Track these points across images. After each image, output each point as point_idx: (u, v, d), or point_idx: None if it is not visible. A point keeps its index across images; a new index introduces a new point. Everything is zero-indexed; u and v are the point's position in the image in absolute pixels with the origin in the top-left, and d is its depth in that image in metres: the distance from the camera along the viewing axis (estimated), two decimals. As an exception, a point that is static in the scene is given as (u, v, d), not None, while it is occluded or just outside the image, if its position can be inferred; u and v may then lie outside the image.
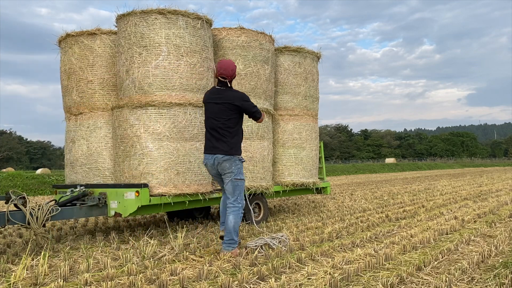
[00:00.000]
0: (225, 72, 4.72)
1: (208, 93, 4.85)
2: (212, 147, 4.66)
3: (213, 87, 4.88)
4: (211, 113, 4.71)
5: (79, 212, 5.31)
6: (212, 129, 4.68)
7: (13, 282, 3.50)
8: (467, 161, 65.63)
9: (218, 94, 4.74)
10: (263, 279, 3.49)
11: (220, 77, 4.75)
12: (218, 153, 4.62)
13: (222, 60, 4.88)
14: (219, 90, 4.78)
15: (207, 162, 4.71)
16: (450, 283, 3.22)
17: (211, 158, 4.65)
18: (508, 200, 8.83)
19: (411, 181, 18.68)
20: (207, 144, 4.72)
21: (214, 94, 4.77)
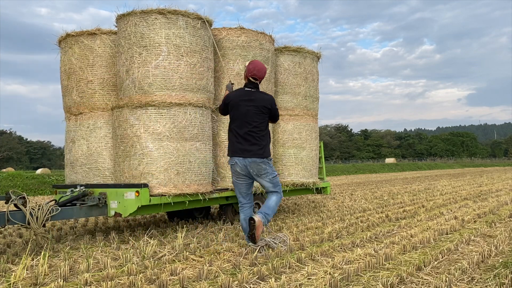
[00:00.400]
0: (259, 74, 4.69)
1: (235, 94, 4.74)
2: (244, 150, 4.58)
3: (241, 88, 4.83)
4: (241, 115, 4.63)
5: (79, 212, 5.31)
6: (243, 132, 4.61)
7: (13, 282, 3.50)
8: (467, 161, 65.64)
9: (249, 96, 4.68)
10: (263, 279, 3.49)
11: (252, 78, 4.71)
12: (253, 156, 4.58)
13: (254, 61, 4.82)
14: (250, 92, 4.71)
15: (236, 163, 4.62)
16: (450, 283, 3.22)
17: (242, 161, 4.59)
18: (508, 200, 8.83)
19: (411, 181, 18.68)
20: (237, 146, 4.62)
21: (245, 96, 4.69)
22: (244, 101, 4.67)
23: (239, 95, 4.72)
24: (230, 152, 4.69)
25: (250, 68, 4.74)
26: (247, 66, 4.77)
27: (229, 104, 4.74)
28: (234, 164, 4.64)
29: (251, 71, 4.71)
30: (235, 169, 4.67)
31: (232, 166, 4.68)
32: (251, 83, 4.77)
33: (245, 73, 4.78)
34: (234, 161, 4.63)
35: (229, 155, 4.70)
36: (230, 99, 4.73)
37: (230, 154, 4.68)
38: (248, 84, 4.77)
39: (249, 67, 4.74)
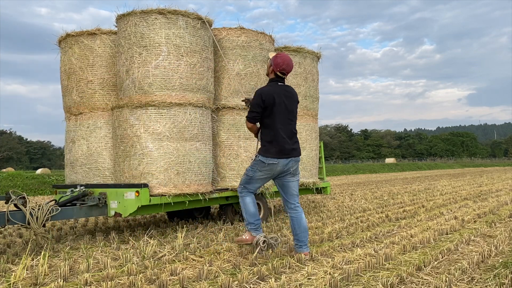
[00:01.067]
0: (288, 68, 4.34)
1: (271, 91, 4.26)
2: (291, 150, 4.27)
3: (274, 84, 4.36)
4: (283, 113, 4.27)
5: (79, 212, 5.31)
6: (288, 130, 4.29)
7: (13, 282, 3.50)
8: (467, 161, 65.63)
9: (286, 91, 4.35)
10: (263, 279, 3.49)
11: (280, 72, 4.33)
12: (297, 155, 4.33)
13: (281, 54, 4.41)
14: (285, 87, 4.38)
15: (278, 163, 4.23)
16: (450, 283, 3.22)
17: (285, 161, 4.25)
18: (508, 200, 8.83)
19: (411, 181, 18.68)
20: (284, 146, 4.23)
21: (283, 92, 4.32)
22: (284, 98, 4.29)
23: (277, 92, 4.28)
24: (274, 153, 4.23)
25: (278, 63, 4.31)
26: (274, 60, 4.34)
27: (268, 104, 4.23)
28: (275, 164, 4.23)
29: (280, 65, 4.30)
30: (273, 169, 4.26)
31: (269, 165, 4.24)
32: (279, 78, 4.38)
33: (271, 68, 4.37)
34: (277, 161, 4.22)
35: (271, 155, 4.23)
36: (267, 99, 4.22)
37: (274, 155, 4.23)
38: (276, 79, 4.38)
39: (277, 61, 4.32)
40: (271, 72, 4.40)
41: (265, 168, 4.27)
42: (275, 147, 4.25)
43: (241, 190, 4.44)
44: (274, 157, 4.23)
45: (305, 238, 4.27)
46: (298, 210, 4.35)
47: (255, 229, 4.33)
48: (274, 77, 4.39)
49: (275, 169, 4.27)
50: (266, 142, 4.30)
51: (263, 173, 4.31)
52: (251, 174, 4.36)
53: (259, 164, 4.28)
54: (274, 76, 4.39)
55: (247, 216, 4.36)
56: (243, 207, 4.40)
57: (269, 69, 4.43)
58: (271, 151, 4.24)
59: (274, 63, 4.35)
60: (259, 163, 4.28)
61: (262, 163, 4.26)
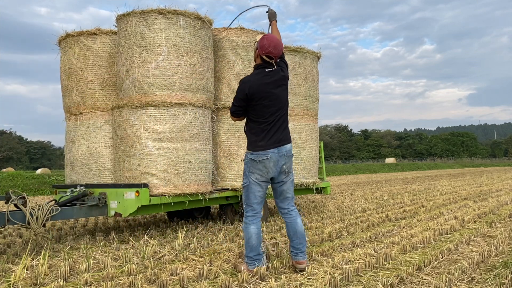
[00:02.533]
0: (274, 51, 3.76)
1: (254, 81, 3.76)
2: (279, 140, 3.76)
3: (261, 72, 3.82)
4: (270, 101, 3.76)
5: (79, 212, 5.31)
6: (275, 120, 3.78)
7: (13, 282, 3.50)
8: (467, 161, 65.62)
9: (271, 77, 3.80)
10: (263, 279, 3.49)
11: (266, 56, 3.76)
12: (286, 143, 3.80)
13: (268, 35, 3.86)
14: (270, 72, 3.81)
15: (270, 157, 3.71)
16: (450, 283, 3.22)
17: (277, 152, 3.72)
18: (508, 200, 8.83)
19: (411, 181, 18.68)
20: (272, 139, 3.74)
21: (268, 79, 3.78)
22: (269, 85, 3.78)
23: (260, 80, 3.77)
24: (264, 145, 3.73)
25: (264, 44, 3.75)
26: (260, 42, 3.79)
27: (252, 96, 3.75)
28: (267, 159, 3.72)
29: (266, 47, 3.73)
30: (266, 167, 3.73)
31: (261, 162, 3.73)
32: (266, 62, 3.81)
33: (257, 52, 3.83)
34: (268, 155, 3.71)
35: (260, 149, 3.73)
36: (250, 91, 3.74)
37: (263, 148, 3.73)
38: (262, 64, 3.83)
39: (262, 43, 3.76)
40: (257, 56, 3.87)
41: (258, 166, 3.74)
42: (263, 140, 3.75)
43: (246, 213, 3.84)
44: (264, 149, 3.73)
45: (301, 245, 3.78)
46: (293, 215, 3.88)
47: (251, 264, 3.74)
48: (261, 62, 3.84)
49: (268, 164, 3.73)
50: (253, 136, 3.81)
51: (257, 174, 3.76)
52: (246, 182, 3.82)
53: (250, 163, 3.78)
54: (261, 61, 3.84)
55: (247, 249, 3.77)
56: (245, 237, 3.80)
57: (255, 53, 3.89)
58: (259, 145, 3.76)
59: (259, 46, 3.80)
60: (250, 162, 3.78)
61: (253, 161, 3.75)
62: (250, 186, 3.80)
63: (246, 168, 3.83)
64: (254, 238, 3.74)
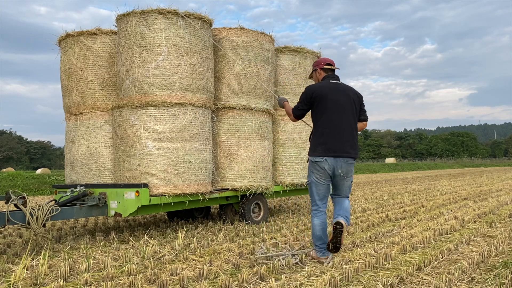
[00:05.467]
0: (329, 60, 4.38)
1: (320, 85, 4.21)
2: (350, 148, 4.12)
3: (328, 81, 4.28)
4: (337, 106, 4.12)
5: (79, 212, 5.31)
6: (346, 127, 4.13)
7: (13, 282, 3.50)
8: (467, 161, 65.59)
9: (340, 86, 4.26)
10: (263, 279, 3.49)
11: (326, 65, 4.35)
12: (354, 156, 4.16)
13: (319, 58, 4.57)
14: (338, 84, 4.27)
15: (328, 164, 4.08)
16: (450, 283, 3.22)
17: (342, 161, 4.10)
18: (508, 200, 8.83)
19: (411, 181, 18.68)
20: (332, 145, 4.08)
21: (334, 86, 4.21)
22: (339, 92, 4.18)
23: (328, 86, 4.21)
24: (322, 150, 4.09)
25: (318, 61, 4.43)
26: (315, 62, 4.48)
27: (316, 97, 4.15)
28: (321, 162, 4.08)
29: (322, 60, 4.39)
30: (325, 169, 4.10)
31: (318, 163, 4.10)
32: (331, 70, 4.37)
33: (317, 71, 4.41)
34: (323, 159, 4.08)
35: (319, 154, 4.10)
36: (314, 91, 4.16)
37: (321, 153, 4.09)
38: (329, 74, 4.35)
39: (317, 61, 4.45)
40: (320, 73, 4.42)
41: (316, 168, 4.13)
42: (323, 145, 4.11)
43: (312, 207, 4.28)
44: (321, 155, 4.09)
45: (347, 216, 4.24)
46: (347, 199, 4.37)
47: (320, 251, 4.16)
48: (325, 74, 4.38)
49: (324, 167, 4.10)
50: (313, 140, 4.21)
51: (317, 174, 4.15)
52: (309, 180, 4.26)
53: (310, 165, 4.20)
54: (325, 73, 4.38)
55: (313, 238, 4.22)
56: (311, 227, 4.27)
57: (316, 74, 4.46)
58: (317, 150, 4.13)
59: (315, 65, 4.46)
60: (310, 163, 4.21)
61: (312, 163, 4.17)
62: (312, 184, 4.22)
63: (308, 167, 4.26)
64: (317, 229, 4.19)
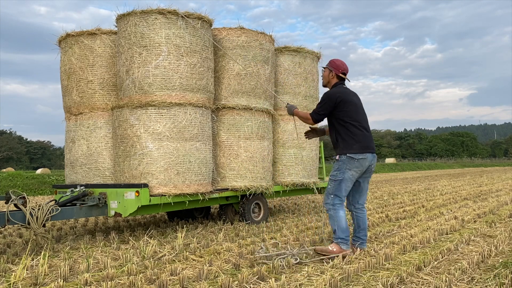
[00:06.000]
0: (347, 69, 4.61)
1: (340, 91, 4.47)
2: (372, 145, 4.47)
3: (342, 86, 4.57)
4: (358, 109, 4.46)
5: (79, 212, 5.31)
6: (365, 126, 4.48)
7: (13, 282, 3.50)
8: (467, 161, 65.57)
9: (352, 92, 4.59)
10: (263, 279, 3.49)
11: (342, 73, 4.56)
12: (375, 152, 4.50)
13: (334, 59, 4.67)
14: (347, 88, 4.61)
15: (366, 159, 4.37)
16: (450, 283, 3.22)
17: (371, 157, 4.42)
18: (508, 200, 8.83)
19: (411, 181, 18.68)
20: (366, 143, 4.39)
21: (349, 91, 4.56)
22: (355, 98, 4.52)
23: (346, 92, 4.51)
24: (360, 148, 4.34)
25: (338, 65, 4.56)
26: (334, 63, 4.58)
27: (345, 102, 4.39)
28: (364, 159, 4.34)
29: (341, 66, 4.55)
30: (363, 164, 4.35)
31: (359, 161, 4.33)
32: (342, 80, 4.61)
33: (332, 73, 4.56)
34: (365, 155, 4.35)
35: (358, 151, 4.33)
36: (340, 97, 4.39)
37: (360, 150, 4.33)
38: (341, 81, 4.60)
39: (336, 64, 4.56)
40: (333, 77, 4.58)
41: (355, 164, 4.32)
42: (360, 142, 4.35)
43: (333, 201, 4.39)
44: (362, 152, 4.34)
45: (365, 236, 4.53)
46: (364, 210, 4.61)
47: (344, 243, 4.30)
48: (337, 80, 4.57)
49: (364, 164, 4.36)
50: (350, 139, 4.36)
51: (353, 171, 4.35)
52: (340, 177, 4.35)
53: (348, 162, 4.32)
54: (337, 79, 4.57)
55: (339, 231, 4.31)
56: (336, 221, 4.34)
57: (330, 75, 4.59)
58: (355, 147, 4.34)
59: (334, 66, 4.56)
60: (348, 160, 4.32)
61: (352, 160, 4.31)
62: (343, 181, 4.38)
63: (340, 165, 4.40)
64: (344, 221, 4.35)
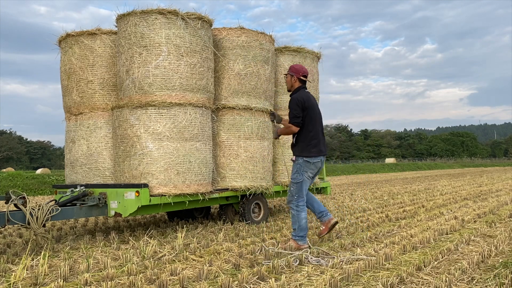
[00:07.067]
0: (307, 71, 4.94)
1: (306, 96, 4.83)
2: (325, 149, 4.89)
3: (304, 91, 4.91)
4: (316, 115, 4.84)
5: (79, 212, 5.31)
6: (321, 131, 4.89)
7: (13, 282, 3.50)
8: (467, 161, 65.59)
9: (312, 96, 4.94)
10: (263, 279, 3.49)
11: (303, 76, 4.90)
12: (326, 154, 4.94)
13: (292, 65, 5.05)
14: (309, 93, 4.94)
15: (319, 162, 4.83)
16: (450, 283, 3.22)
17: (324, 159, 4.88)
18: (508, 200, 8.83)
19: (411, 181, 18.68)
20: (320, 147, 4.81)
21: (310, 96, 4.90)
22: (315, 103, 4.90)
23: (309, 97, 4.85)
24: (316, 152, 4.77)
25: (298, 68, 4.91)
26: (294, 68, 4.93)
27: (308, 107, 4.77)
28: (318, 162, 4.80)
29: (301, 69, 4.90)
30: (317, 166, 4.83)
31: (314, 164, 4.78)
32: (305, 83, 4.95)
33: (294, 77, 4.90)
34: (319, 159, 4.81)
35: (313, 154, 4.75)
36: (306, 102, 4.76)
37: (316, 153, 4.76)
38: (303, 85, 4.94)
39: (296, 68, 4.92)
40: (295, 81, 4.92)
41: (311, 167, 4.78)
42: (316, 146, 4.78)
43: (297, 202, 4.76)
44: (317, 155, 4.78)
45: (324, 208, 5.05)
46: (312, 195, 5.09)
47: (302, 240, 4.68)
48: (300, 84, 4.92)
49: (318, 166, 4.83)
50: (307, 142, 4.75)
51: (310, 173, 4.80)
52: (300, 179, 4.75)
53: (305, 165, 4.75)
54: (300, 83, 4.92)
55: (299, 229, 4.69)
56: (298, 221, 4.71)
57: (292, 80, 4.94)
58: (311, 151, 4.75)
59: (295, 70, 4.91)
60: (305, 164, 4.74)
61: (308, 163, 4.75)
62: (303, 182, 4.78)
63: (298, 167, 4.77)
64: (305, 221, 4.74)
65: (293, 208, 4.77)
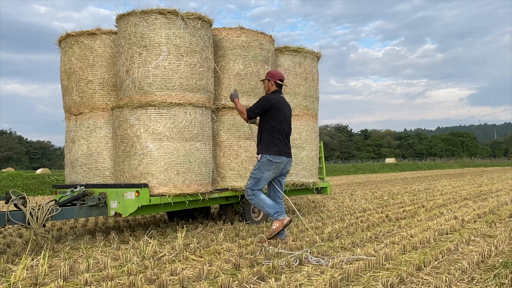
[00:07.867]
0: (282, 76, 5.21)
1: (276, 98, 5.06)
2: (289, 151, 5.09)
3: (279, 95, 5.16)
4: (285, 118, 5.06)
5: (79, 212, 5.31)
6: (286, 134, 5.09)
7: (13, 282, 3.50)
8: (467, 161, 65.61)
9: (285, 101, 5.18)
10: (263, 279, 3.49)
11: (279, 80, 5.16)
12: (291, 156, 5.12)
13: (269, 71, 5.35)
14: (283, 98, 5.20)
15: (282, 163, 5.01)
16: (450, 283, 3.22)
17: (286, 160, 5.05)
18: (508, 200, 8.83)
19: (411, 181, 18.68)
20: (283, 148, 5.01)
21: (283, 100, 5.14)
22: (285, 106, 5.11)
23: (279, 99, 5.08)
24: (278, 151, 4.97)
25: (274, 73, 5.18)
26: (270, 74, 5.21)
27: (274, 109, 4.99)
28: (280, 163, 4.99)
29: (277, 74, 5.17)
30: (277, 169, 5.01)
31: (276, 164, 4.97)
32: (280, 87, 5.20)
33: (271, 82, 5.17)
34: (282, 159, 4.99)
35: (276, 154, 4.96)
36: (274, 104, 4.99)
37: (278, 153, 4.96)
38: (278, 89, 5.20)
39: (272, 73, 5.19)
40: (272, 85, 5.18)
41: (273, 166, 4.97)
42: (278, 146, 4.97)
43: (252, 192, 4.98)
44: (279, 155, 4.96)
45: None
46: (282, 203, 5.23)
47: (281, 214, 4.88)
48: (277, 88, 5.18)
49: (280, 167, 5.01)
50: (271, 141, 4.97)
51: (271, 172, 5.00)
52: (259, 176, 4.96)
53: (268, 164, 4.95)
54: (276, 87, 5.18)
55: (269, 209, 4.91)
56: (262, 204, 4.94)
57: (269, 84, 5.21)
58: (273, 150, 4.96)
59: (271, 75, 5.19)
60: (268, 163, 4.95)
61: (270, 162, 4.95)
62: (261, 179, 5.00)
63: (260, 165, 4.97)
64: (267, 199, 4.99)
65: (251, 198, 4.98)
